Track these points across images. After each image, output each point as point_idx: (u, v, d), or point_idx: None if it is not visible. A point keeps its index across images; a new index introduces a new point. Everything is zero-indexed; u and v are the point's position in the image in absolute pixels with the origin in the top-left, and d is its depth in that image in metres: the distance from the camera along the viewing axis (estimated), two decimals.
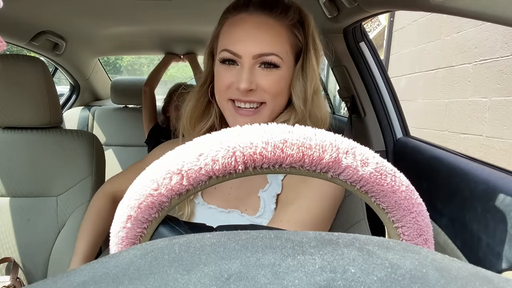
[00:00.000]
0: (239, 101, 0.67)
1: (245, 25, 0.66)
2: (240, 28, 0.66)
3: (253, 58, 0.65)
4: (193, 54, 2.29)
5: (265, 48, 0.64)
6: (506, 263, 0.65)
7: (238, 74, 0.66)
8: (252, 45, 0.64)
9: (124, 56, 11.42)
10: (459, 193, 0.82)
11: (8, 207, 1.14)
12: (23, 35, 1.58)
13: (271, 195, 0.70)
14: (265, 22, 0.66)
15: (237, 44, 0.65)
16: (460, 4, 0.60)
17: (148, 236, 0.35)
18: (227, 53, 0.66)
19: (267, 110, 0.68)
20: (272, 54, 0.65)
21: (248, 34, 0.65)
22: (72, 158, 1.16)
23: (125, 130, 2.25)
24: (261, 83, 0.65)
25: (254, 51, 0.64)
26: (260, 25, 0.65)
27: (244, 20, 0.66)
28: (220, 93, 0.69)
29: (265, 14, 0.66)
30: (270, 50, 0.64)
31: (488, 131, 2.21)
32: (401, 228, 0.36)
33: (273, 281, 0.19)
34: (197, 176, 0.31)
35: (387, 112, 1.30)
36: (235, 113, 0.68)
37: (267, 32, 0.65)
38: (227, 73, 0.67)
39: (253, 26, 0.65)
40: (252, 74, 0.65)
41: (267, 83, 0.65)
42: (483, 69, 2.24)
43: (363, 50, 1.29)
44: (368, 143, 1.30)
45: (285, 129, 0.32)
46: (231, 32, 0.67)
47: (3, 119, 1.13)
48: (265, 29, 0.65)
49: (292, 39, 0.68)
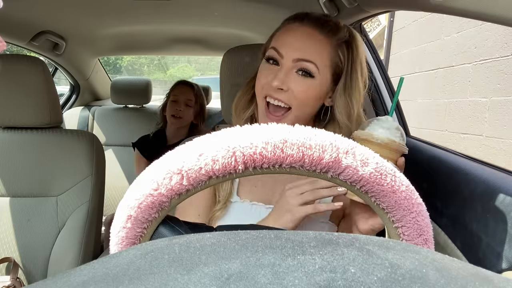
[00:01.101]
0: (270, 96, 0.73)
1: (295, 32, 0.74)
2: (291, 33, 0.74)
3: (293, 61, 0.71)
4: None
5: (305, 55, 0.71)
6: (506, 263, 0.65)
7: (276, 73, 0.72)
8: (295, 50, 0.71)
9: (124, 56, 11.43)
10: (459, 193, 0.82)
11: (8, 207, 1.14)
12: (23, 35, 1.58)
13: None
14: (313, 34, 0.72)
15: (283, 46, 0.73)
16: (460, 4, 0.60)
17: (148, 236, 0.35)
18: (273, 51, 0.73)
19: (292, 116, 0.73)
20: (310, 62, 0.71)
21: (295, 40, 0.73)
22: (72, 158, 1.16)
23: (125, 130, 2.25)
24: (292, 87, 0.71)
25: (295, 55, 0.71)
26: (308, 35, 0.72)
27: (296, 28, 0.74)
28: (258, 88, 0.76)
29: (316, 28, 0.73)
30: (310, 58, 0.71)
31: (488, 131, 2.21)
32: (401, 228, 0.36)
33: (273, 281, 0.19)
34: (197, 176, 0.31)
35: (387, 112, 1.30)
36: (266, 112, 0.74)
37: (312, 42, 0.72)
38: (268, 71, 0.74)
39: (302, 35, 0.73)
40: (287, 76, 0.71)
41: (298, 89, 0.71)
42: (483, 69, 2.24)
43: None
44: None
45: (285, 129, 0.32)
46: (282, 35, 0.75)
47: (3, 119, 1.13)
48: (311, 40, 0.72)
49: (333, 57, 0.73)
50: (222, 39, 2.00)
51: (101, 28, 1.82)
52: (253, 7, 1.39)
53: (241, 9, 1.51)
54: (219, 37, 1.98)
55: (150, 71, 16.62)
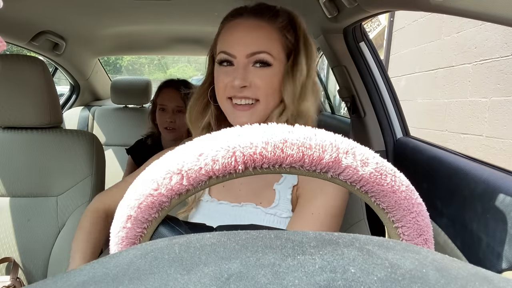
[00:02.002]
0: (235, 97, 0.72)
1: (238, 28, 0.73)
2: (234, 32, 0.73)
3: (246, 57, 0.70)
4: None
5: (256, 47, 0.70)
6: (506, 263, 0.65)
7: (233, 73, 0.71)
8: (245, 46, 0.71)
9: (124, 56, 11.43)
10: (459, 193, 0.82)
11: (8, 207, 1.14)
12: (23, 35, 1.58)
13: (287, 187, 0.75)
14: (257, 25, 0.72)
15: (232, 46, 0.72)
16: (460, 4, 0.60)
17: (148, 236, 0.35)
18: (224, 54, 0.72)
19: (261, 107, 0.72)
20: (263, 52, 0.70)
21: (241, 36, 0.72)
22: (72, 158, 1.16)
23: (125, 130, 2.25)
24: (255, 81, 0.71)
25: (247, 51, 0.70)
26: (252, 27, 0.72)
27: (238, 24, 0.73)
28: (219, 92, 0.74)
29: (257, 18, 0.73)
30: (262, 48, 0.70)
31: (488, 131, 2.21)
32: (401, 228, 0.36)
33: (273, 281, 0.19)
34: (197, 176, 0.31)
35: (387, 112, 1.30)
36: (233, 109, 0.73)
37: (258, 33, 0.71)
38: (224, 73, 0.73)
39: (246, 29, 0.72)
40: (246, 72, 0.71)
41: (260, 81, 0.71)
42: (483, 69, 2.24)
43: (363, 50, 1.29)
44: (368, 143, 1.30)
45: (285, 129, 0.32)
46: (227, 36, 0.74)
47: (3, 119, 1.13)
48: (257, 31, 0.72)
49: (283, 40, 0.73)
50: None
51: (101, 28, 1.82)
52: None
53: None
54: None
55: (150, 71, 16.62)
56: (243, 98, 0.72)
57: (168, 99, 1.65)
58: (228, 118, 0.75)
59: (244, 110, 0.72)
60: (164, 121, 1.64)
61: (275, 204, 0.74)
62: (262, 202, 0.75)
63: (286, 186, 0.75)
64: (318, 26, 1.29)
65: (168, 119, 1.63)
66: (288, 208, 0.74)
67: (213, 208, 0.79)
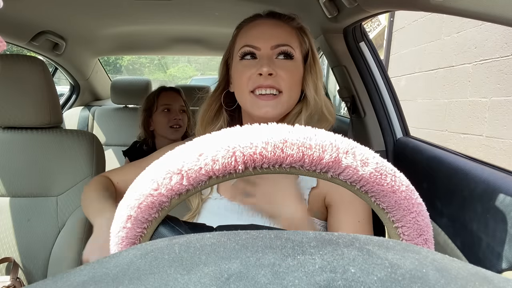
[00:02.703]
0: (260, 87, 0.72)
1: (261, 25, 0.77)
2: (257, 27, 0.77)
3: (271, 48, 0.73)
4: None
5: (280, 40, 0.74)
6: (506, 263, 0.65)
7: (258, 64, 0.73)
8: (269, 38, 0.74)
9: (124, 56, 11.43)
10: (459, 193, 0.82)
11: (8, 207, 1.14)
12: (23, 35, 1.58)
13: (305, 187, 0.76)
14: (278, 23, 0.77)
15: (256, 39, 0.75)
16: (460, 4, 0.60)
17: (148, 236, 0.35)
18: (247, 47, 0.75)
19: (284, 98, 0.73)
20: (287, 45, 0.74)
21: (265, 31, 0.76)
22: (72, 158, 1.16)
23: (125, 130, 2.25)
24: (279, 72, 0.72)
25: (271, 43, 0.73)
26: (274, 25, 0.77)
27: (259, 23, 0.78)
28: (241, 87, 0.75)
29: (276, 18, 0.78)
30: (285, 41, 0.74)
31: (488, 131, 2.21)
32: (401, 228, 0.36)
33: (273, 281, 0.19)
34: (197, 176, 0.31)
35: (387, 112, 1.30)
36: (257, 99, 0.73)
37: (280, 29, 0.76)
38: (247, 67, 0.74)
39: (268, 26, 0.77)
40: (271, 62, 0.73)
41: (285, 72, 0.73)
42: (483, 69, 2.24)
43: (363, 50, 1.29)
44: (368, 143, 1.30)
45: (285, 129, 0.32)
46: (249, 32, 0.77)
47: (3, 119, 1.13)
48: (279, 27, 0.76)
49: (300, 39, 0.78)
50: (222, 39, 2.00)
51: (101, 28, 1.82)
52: (253, 7, 1.39)
53: (241, 9, 1.51)
54: (219, 37, 1.98)
55: (150, 71, 16.64)
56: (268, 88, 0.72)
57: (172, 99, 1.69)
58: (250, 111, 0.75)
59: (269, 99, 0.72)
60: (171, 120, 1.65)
61: None
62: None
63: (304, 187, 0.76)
64: (318, 26, 1.29)
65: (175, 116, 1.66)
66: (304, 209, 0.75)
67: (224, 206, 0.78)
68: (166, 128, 1.66)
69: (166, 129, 1.67)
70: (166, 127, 1.66)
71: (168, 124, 1.66)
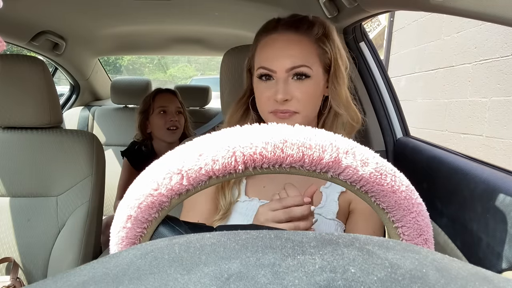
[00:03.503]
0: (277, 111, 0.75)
1: (276, 43, 0.75)
2: (272, 47, 0.76)
3: (286, 71, 0.73)
4: None
5: (295, 61, 0.73)
6: (506, 263, 0.65)
7: (274, 87, 0.74)
8: (284, 60, 0.73)
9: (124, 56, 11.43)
10: (459, 193, 0.82)
11: (8, 207, 1.14)
12: (23, 35, 1.58)
13: (335, 191, 0.78)
14: (293, 39, 0.75)
15: (271, 61, 0.74)
16: (460, 4, 0.60)
17: (148, 236, 0.35)
18: (263, 69, 0.75)
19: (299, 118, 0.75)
20: (302, 66, 0.73)
21: (280, 51, 0.74)
22: (72, 158, 1.16)
23: (125, 130, 2.24)
24: (295, 93, 0.73)
25: (286, 65, 0.73)
26: (289, 42, 0.74)
27: (274, 40, 0.76)
28: (261, 105, 0.77)
29: (293, 32, 0.75)
30: (300, 62, 0.73)
31: (488, 131, 2.21)
32: (401, 228, 0.36)
33: (273, 281, 0.19)
34: (197, 176, 0.31)
35: (387, 112, 1.29)
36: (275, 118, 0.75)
37: (296, 47, 0.74)
38: (265, 87, 0.75)
39: (283, 44, 0.75)
40: (287, 85, 0.73)
41: (301, 93, 0.73)
42: (483, 69, 2.24)
43: (363, 50, 1.29)
44: (368, 143, 1.30)
45: (285, 129, 0.32)
46: (265, 51, 0.76)
47: (3, 119, 1.13)
48: (294, 45, 0.74)
49: (319, 51, 0.76)
50: (222, 39, 2.00)
51: (101, 28, 1.82)
52: (254, 7, 1.39)
53: (241, 9, 1.51)
54: (219, 37, 1.98)
55: (150, 71, 16.64)
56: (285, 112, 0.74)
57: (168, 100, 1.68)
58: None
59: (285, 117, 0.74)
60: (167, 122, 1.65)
61: (322, 205, 0.77)
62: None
63: (334, 190, 0.78)
64: None
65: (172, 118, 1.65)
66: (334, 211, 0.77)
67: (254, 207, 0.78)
68: (163, 130, 1.66)
69: (163, 131, 1.67)
70: (163, 129, 1.66)
71: (165, 126, 1.66)
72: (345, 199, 0.78)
